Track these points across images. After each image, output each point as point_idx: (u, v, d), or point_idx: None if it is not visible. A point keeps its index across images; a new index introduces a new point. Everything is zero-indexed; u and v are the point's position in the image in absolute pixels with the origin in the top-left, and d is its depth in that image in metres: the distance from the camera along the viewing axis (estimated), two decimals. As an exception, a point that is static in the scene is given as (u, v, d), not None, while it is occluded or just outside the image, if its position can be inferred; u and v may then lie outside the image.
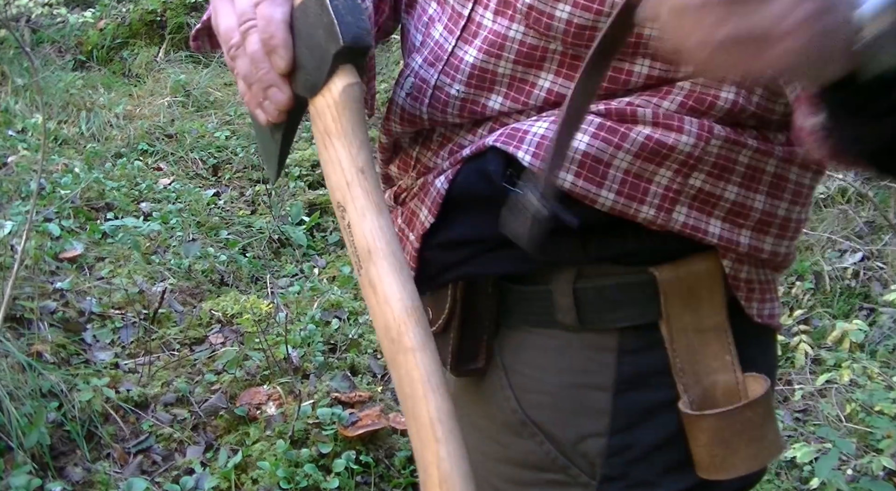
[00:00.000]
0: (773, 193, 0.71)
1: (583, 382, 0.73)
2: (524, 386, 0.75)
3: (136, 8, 5.12)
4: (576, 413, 0.73)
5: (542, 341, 0.74)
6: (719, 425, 0.68)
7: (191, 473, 2.02)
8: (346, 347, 2.55)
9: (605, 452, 0.72)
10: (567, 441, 0.73)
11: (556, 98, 0.69)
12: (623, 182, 0.67)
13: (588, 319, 0.71)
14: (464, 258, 0.73)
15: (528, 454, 0.75)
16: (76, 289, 2.56)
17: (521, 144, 0.68)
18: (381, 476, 2.09)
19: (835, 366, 2.49)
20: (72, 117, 4.07)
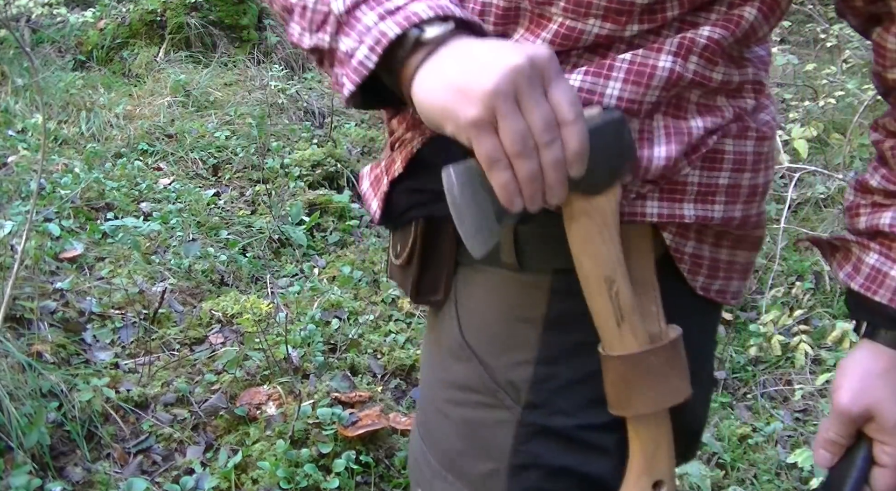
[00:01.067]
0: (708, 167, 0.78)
1: (516, 316, 0.81)
2: (467, 316, 0.83)
3: (136, 8, 5.12)
4: (507, 343, 0.81)
5: (486, 278, 0.82)
6: (623, 366, 0.75)
7: (191, 473, 2.02)
8: (346, 347, 2.55)
9: (531, 381, 0.80)
10: (497, 367, 0.81)
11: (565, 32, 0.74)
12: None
13: (526, 261, 0.79)
14: (424, 201, 0.82)
15: (465, 377, 0.83)
16: (76, 289, 2.57)
17: None
18: (381, 476, 2.09)
19: (835, 366, 2.49)
20: (72, 117, 4.07)
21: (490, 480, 0.83)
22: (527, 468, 0.81)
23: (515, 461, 0.81)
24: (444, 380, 0.86)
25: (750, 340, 2.80)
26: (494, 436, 0.82)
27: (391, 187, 0.84)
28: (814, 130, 3.13)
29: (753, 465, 2.31)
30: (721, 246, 0.83)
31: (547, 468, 0.81)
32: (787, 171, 3.19)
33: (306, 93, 4.64)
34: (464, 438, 0.84)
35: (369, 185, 0.89)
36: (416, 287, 0.86)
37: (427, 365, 0.91)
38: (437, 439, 0.87)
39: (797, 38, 5.76)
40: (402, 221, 0.86)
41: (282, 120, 4.30)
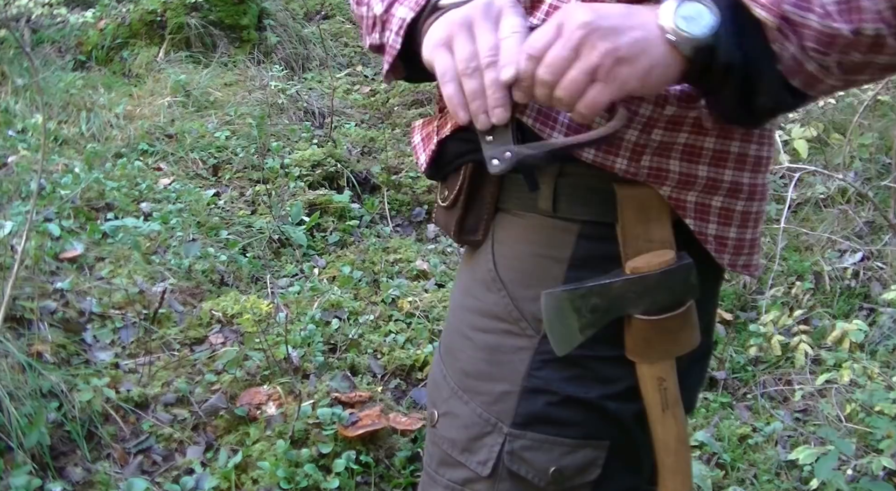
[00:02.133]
0: (721, 135, 0.87)
1: (545, 255, 0.90)
2: (502, 252, 0.93)
3: (136, 8, 5.12)
4: (535, 277, 0.90)
5: (523, 221, 0.92)
6: (643, 326, 0.86)
7: (191, 473, 2.02)
8: (346, 347, 2.55)
9: None
10: (524, 299, 0.90)
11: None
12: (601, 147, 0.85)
13: (560, 208, 0.89)
14: (473, 149, 0.88)
15: (494, 306, 0.92)
16: (76, 289, 2.56)
17: (524, 109, 0.85)
18: (381, 476, 2.09)
19: (835, 366, 2.49)
20: (72, 117, 4.07)
21: (502, 400, 0.91)
22: (537, 392, 0.89)
23: (528, 385, 0.89)
24: (474, 307, 0.95)
25: (750, 340, 2.80)
26: (511, 361, 0.90)
27: (440, 146, 0.95)
28: (814, 130, 3.13)
29: (753, 465, 2.31)
30: (741, 225, 0.92)
31: (555, 394, 0.89)
32: (787, 172, 3.19)
33: (306, 93, 4.65)
34: (483, 360, 0.92)
35: (420, 139, 1.00)
36: (460, 226, 0.96)
37: (458, 294, 1.01)
38: (457, 360, 0.96)
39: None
40: (451, 169, 0.96)
41: (282, 120, 4.30)
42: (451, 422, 0.95)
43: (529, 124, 0.86)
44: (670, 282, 0.86)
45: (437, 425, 0.97)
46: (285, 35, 5.35)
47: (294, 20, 5.64)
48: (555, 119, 0.86)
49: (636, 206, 0.87)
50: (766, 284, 3.02)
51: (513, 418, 0.90)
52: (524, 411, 0.89)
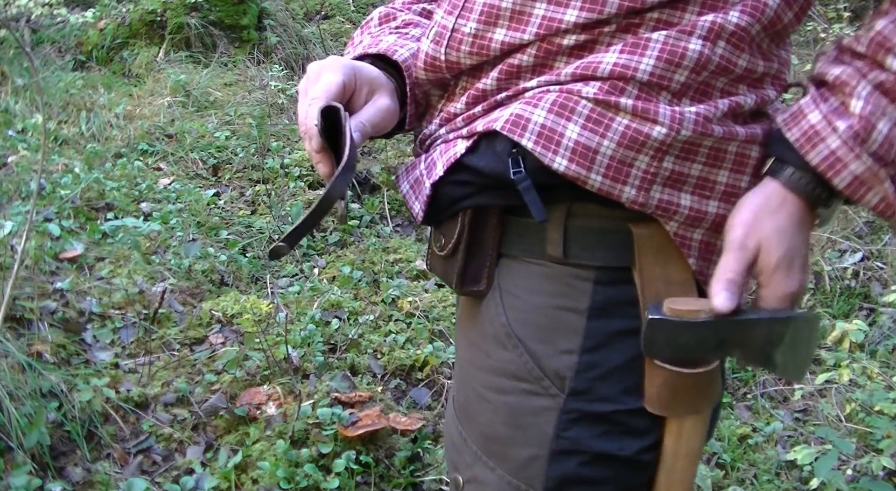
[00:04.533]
0: (735, 169, 0.83)
1: (562, 305, 0.84)
2: (513, 305, 0.87)
3: (136, 8, 5.12)
4: (553, 331, 0.84)
5: (533, 269, 0.86)
6: (671, 377, 0.80)
7: (191, 473, 2.02)
8: (346, 347, 2.55)
9: (575, 368, 0.84)
10: (543, 355, 0.85)
11: (547, 24, 0.81)
12: (608, 166, 0.79)
13: (572, 254, 0.84)
14: (470, 193, 0.87)
15: (509, 364, 0.86)
16: (76, 289, 2.56)
17: (524, 132, 0.81)
18: (381, 476, 2.09)
19: (835, 366, 2.49)
20: (72, 117, 4.07)
21: (530, 466, 0.86)
22: (567, 454, 0.84)
23: (556, 447, 0.84)
24: (488, 366, 0.89)
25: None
26: (537, 423, 0.85)
27: (434, 189, 0.89)
28: (814, 130, 3.12)
29: (753, 465, 2.31)
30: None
31: (587, 453, 0.84)
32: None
33: (306, 93, 4.64)
34: (504, 423, 0.87)
35: (409, 187, 0.93)
36: (462, 276, 0.90)
37: (466, 350, 0.94)
38: (476, 423, 0.90)
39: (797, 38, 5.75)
40: (447, 215, 0.90)
41: (282, 120, 4.30)
42: (478, 490, 0.90)
43: (530, 148, 0.81)
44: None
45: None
46: (285, 35, 5.35)
47: (294, 20, 5.64)
48: (558, 143, 0.80)
49: (654, 247, 0.82)
50: (766, 284, 3.02)
51: (544, 483, 0.85)
52: (555, 475, 0.85)
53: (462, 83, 0.91)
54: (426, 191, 0.89)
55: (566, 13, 0.80)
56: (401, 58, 0.94)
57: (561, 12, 0.81)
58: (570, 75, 0.81)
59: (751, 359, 0.80)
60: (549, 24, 0.81)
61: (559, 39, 0.81)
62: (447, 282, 0.92)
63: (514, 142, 0.81)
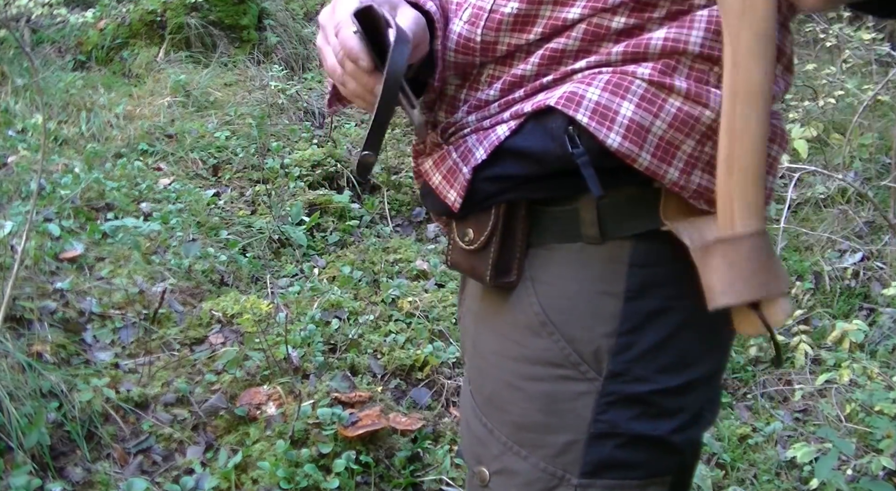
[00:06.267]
0: None
1: (598, 290, 0.85)
2: (548, 293, 0.87)
3: (136, 8, 5.12)
4: (591, 316, 0.85)
5: (566, 255, 0.87)
6: (728, 249, 0.78)
7: (191, 473, 2.02)
8: (346, 347, 2.55)
9: (613, 351, 0.84)
10: (581, 340, 0.85)
11: (591, 5, 0.82)
12: (657, 146, 0.81)
13: (608, 230, 0.84)
14: (508, 187, 0.86)
15: (545, 352, 0.86)
16: (76, 289, 2.56)
17: (578, 108, 0.81)
18: (381, 476, 2.09)
19: (835, 366, 2.49)
20: (72, 117, 4.07)
21: (568, 451, 0.86)
22: (605, 437, 0.85)
23: (594, 431, 0.85)
24: (521, 355, 0.88)
25: (750, 340, 2.80)
26: (574, 408, 0.85)
27: (473, 175, 0.87)
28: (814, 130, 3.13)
29: (753, 465, 2.31)
30: None
31: (623, 436, 0.85)
32: (787, 172, 3.19)
33: (306, 93, 4.64)
34: (540, 411, 0.87)
35: (441, 177, 0.91)
36: (496, 269, 0.89)
37: (492, 342, 0.93)
38: (507, 413, 0.90)
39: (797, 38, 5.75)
40: (481, 208, 0.89)
41: (282, 120, 4.30)
42: (508, 480, 0.90)
43: (584, 123, 0.81)
44: None
45: (491, 485, 0.91)
46: (285, 35, 5.35)
47: (294, 20, 5.64)
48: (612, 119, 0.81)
49: (677, 201, 0.84)
50: (766, 284, 3.02)
51: (581, 468, 0.86)
52: (592, 459, 0.85)
53: (489, 71, 0.89)
54: (465, 176, 0.88)
55: None
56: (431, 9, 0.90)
57: None
58: (621, 55, 0.82)
59: None
60: (594, 4, 0.82)
61: (606, 20, 0.82)
62: (477, 276, 0.91)
63: (569, 118, 0.81)
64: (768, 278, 0.78)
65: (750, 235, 0.77)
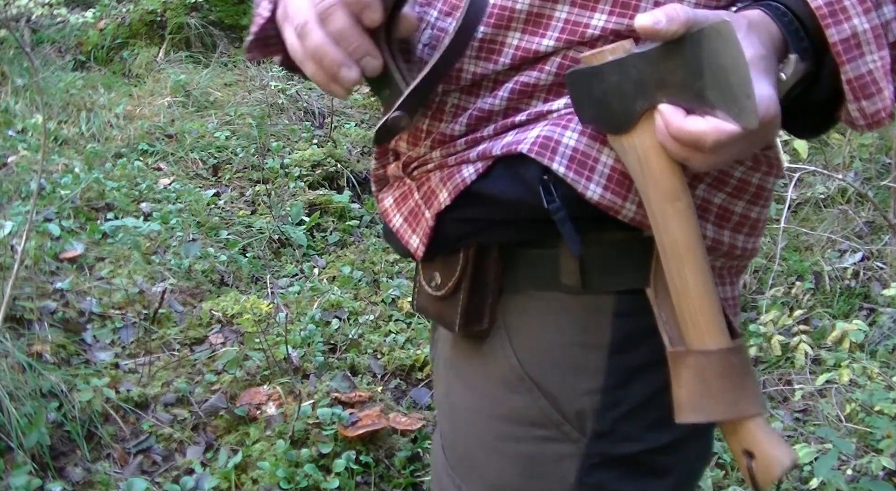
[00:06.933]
0: (751, 200, 0.80)
1: (581, 342, 0.77)
2: (525, 345, 0.79)
3: (136, 8, 5.12)
4: (573, 371, 0.77)
5: (544, 304, 0.78)
6: (701, 363, 0.71)
7: (191, 473, 2.02)
8: (346, 347, 2.55)
9: (598, 409, 0.77)
10: (563, 397, 0.77)
11: (572, 27, 0.73)
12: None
13: (591, 282, 0.76)
14: (477, 230, 0.78)
15: (524, 410, 0.78)
16: (76, 289, 2.56)
17: (554, 156, 0.72)
18: (381, 476, 2.09)
19: (835, 366, 2.49)
20: (72, 117, 4.07)
21: None
22: None
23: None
24: (497, 414, 0.81)
25: (750, 340, 2.80)
26: (556, 470, 0.78)
27: (437, 221, 0.79)
28: (814, 130, 3.12)
29: (753, 465, 2.30)
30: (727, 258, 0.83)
31: None
32: (787, 172, 3.19)
33: (306, 93, 4.64)
34: (521, 475, 0.79)
35: (402, 220, 0.82)
36: (466, 316, 0.80)
37: (463, 395, 0.85)
38: (482, 477, 0.82)
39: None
40: (448, 251, 0.81)
41: (282, 120, 4.30)
42: None
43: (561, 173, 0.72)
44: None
45: None
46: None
47: (294, 20, 5.64)
48: (592, 168, 0.73)
49: None
50: (765, 284, 3.02)
51: None
52: None
53: (453, 100, 0.79)
54: (428, 223, 0.79)
55: (593, 17, 0.73)
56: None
57: (587, 16, 0.73)
58: None
59: (683, 100, 0.66)
60: (573, 29, 0.73)
61: (586, 50, 0.72)
62: (445, 324, 0.83)
63: (544, 167, 0.73)
64: (737, 398, 0.71)
65: (725, 351, 0.71)
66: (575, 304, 0.77)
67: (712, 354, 0.70)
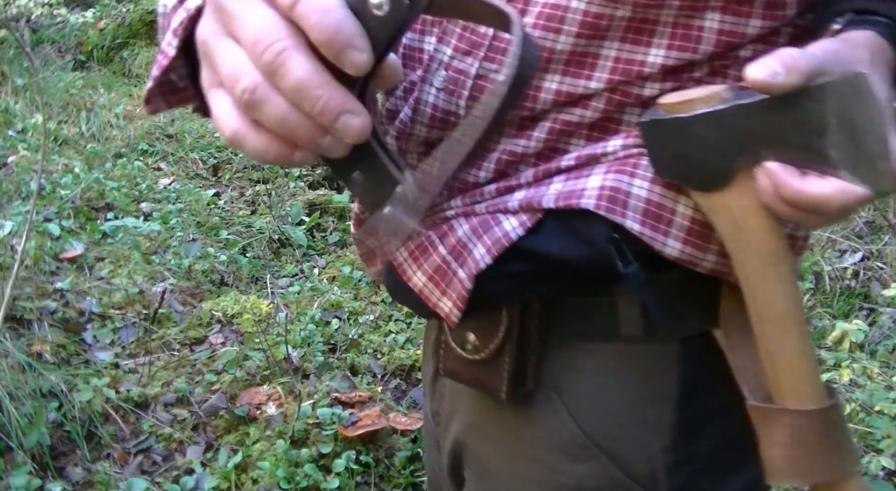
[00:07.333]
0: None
1: (648, 396, 0.69)
2: (584, 407, 0.70)
3: (136, 8, 5.12)
4: (641, 429, 0.69)
5: (601, 358, 0.69)
6: (799, 423, 0.62)
7: (191, 473, 2.02)
8: (346, 347, 2.55)
9: (671, 466, 0.69)
10: (632, 459, 0.69)
11: (624, 67, 0.64)
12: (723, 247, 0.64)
13: (654, 328, 0.67)
14: (524, 286, 0.67)
15: (587, 479, 0.70)
16: (76, 289, 2.57)
17: (626, 211, 0.63)
18: (381, 476, 2.09)
19: (835, 366, 2.49)
20: (72, 117, 4.07)
21: None
22: None
23: None
24: (556, 483, 0.71)
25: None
26: None
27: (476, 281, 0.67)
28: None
29: (753, 465, 2.31)
30: None
31: None
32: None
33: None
34: None
35: (427, 279, 0.69)
36: (513, 381, 0.70)
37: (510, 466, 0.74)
38: None
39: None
40: (487, 310, 0.70)
41: (282, 120, 4.30)
42: None
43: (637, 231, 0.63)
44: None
45: None
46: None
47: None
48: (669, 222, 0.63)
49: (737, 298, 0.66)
50: (766, 284, 3.03)
51: None
52: None
53: None
54: (464, 284, 0.67)
55: (649, 54, 0.63)
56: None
57: (641, 53, 0.63)
58: None
59: (797, 159, 0.55)
60: (625, 68, 0.64)
61: (637, 89, 0.64)
62: (486, 390, 0.71)
63: (614, 223, 0.63)
64: (836, 459, 0.64)
65: (825, 409, 0.63)
66: (637, 354, 0.69)
67: (811, 414, 0.62)
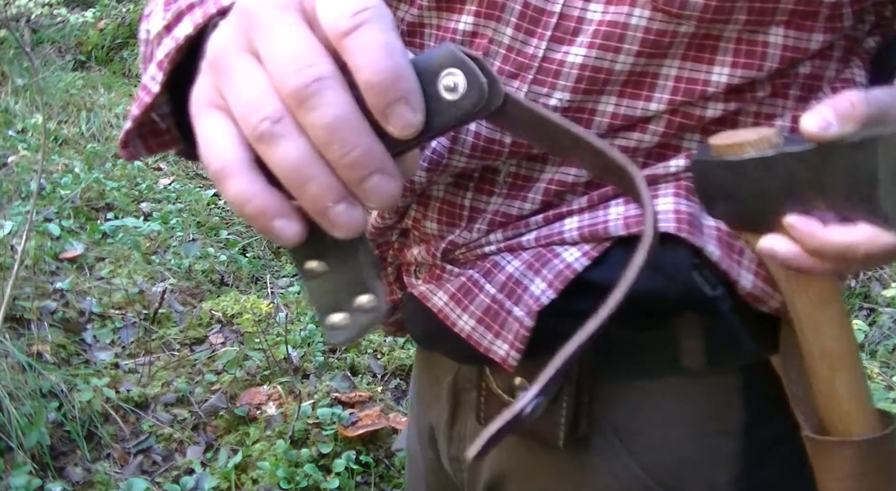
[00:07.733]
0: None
1: (713, 430, 0.66)
2: (644, 446, 0.66)
3: (136, 8, 5.12)
4: (707, 465, 0.66)
5: (662, 394, 0.66)
6: (858, 455, 0.60)
7: (191, 473, 2.02)
8: (346, 347, 2.56)
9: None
10: None
11: (686, 87, 0.60)
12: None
13: (715, 360, 0.64)
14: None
15: None
16: (76, 289, 2.57)
17: (702, 235, 0.59)
18: (381, 476, 2.09)
19: (835, 366, 2.49)
20: (72, 117, 4.07)
21: None
22: None
23: None
24: None
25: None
26: None
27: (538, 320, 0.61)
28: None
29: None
30: None
31: None
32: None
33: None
34: None
35: (476, 321, 0.63)
36: (573, 427, 0.65)
37: None
38: None
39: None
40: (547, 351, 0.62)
41: (282, 120, 4.30)
42: None
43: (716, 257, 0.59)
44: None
45: None
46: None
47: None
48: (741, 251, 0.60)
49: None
50: (766, 284, 3.03)
51: None
52: None
53: (508, 169, 0.63)
54: (524, 323, 0.61)
55: (712, 72, 0.59)
56: None
57: (704, 71, 0.59)
58: None
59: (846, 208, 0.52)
60: (687, 88, 0.59)
61: (699, 110, 0.60)
62: (541, 439, 0.66)
63: (693, 247, 0.59)
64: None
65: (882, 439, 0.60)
66: (699, 388, 0.65)
67: (869, 445, 0.60)
